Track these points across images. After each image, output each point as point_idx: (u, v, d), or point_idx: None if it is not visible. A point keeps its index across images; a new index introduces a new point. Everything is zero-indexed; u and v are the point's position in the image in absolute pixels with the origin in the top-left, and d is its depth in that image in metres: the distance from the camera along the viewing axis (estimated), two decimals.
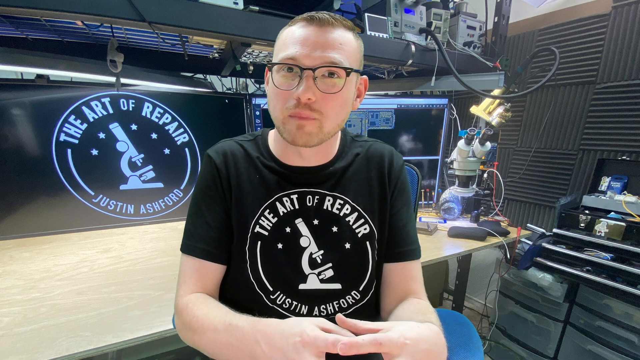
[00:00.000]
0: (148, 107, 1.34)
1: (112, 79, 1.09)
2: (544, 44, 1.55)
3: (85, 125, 1.25)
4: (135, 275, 0.96)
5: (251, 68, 1.43)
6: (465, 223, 1.54)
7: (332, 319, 0.46)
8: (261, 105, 1.53)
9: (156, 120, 1.37)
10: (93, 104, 1.25)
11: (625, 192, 1.28)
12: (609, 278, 1.14)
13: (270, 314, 0.53)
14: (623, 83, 1.33)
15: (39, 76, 1.17)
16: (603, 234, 1.21)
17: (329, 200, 0.63)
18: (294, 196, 0.62)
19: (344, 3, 1.35)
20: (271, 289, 0.60)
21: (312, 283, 0.61)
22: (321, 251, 0.61)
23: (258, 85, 1.74)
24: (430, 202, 1.79)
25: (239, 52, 1.16)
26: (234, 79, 1.75)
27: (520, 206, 1.73)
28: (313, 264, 0.61)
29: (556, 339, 1.37)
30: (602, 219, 1.21)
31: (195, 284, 0.59)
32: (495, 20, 1.56)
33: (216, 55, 1.39)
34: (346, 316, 0.45)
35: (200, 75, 1.54)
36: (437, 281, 2.02)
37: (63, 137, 1.22)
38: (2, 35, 1.10)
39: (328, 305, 0.62)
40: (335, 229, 0.62)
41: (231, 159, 0.63)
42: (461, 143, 1.48)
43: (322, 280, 0.61)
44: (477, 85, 1.40)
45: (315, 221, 0.62)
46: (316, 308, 0.61)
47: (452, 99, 1.75)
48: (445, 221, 1.58)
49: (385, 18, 1.28)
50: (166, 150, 1.41)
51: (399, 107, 1.66)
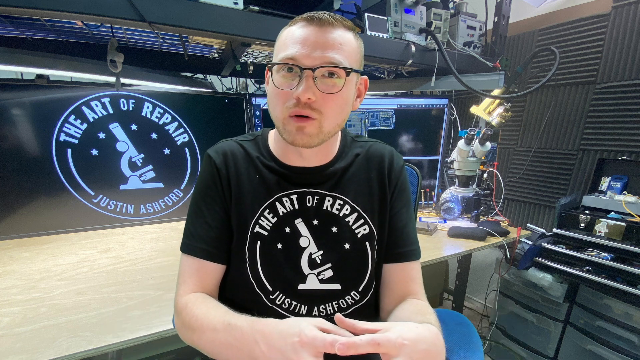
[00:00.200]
0: (148, 107, 1.34)
1: (112, 79, 1.09)
2: (544, 44, 1.55)
3: (85, 125, 1.25)
4: (135, 275, 0.96)
5: (251, 68, 1.43)
6: (465, 223, 1.54)
7: (332, 319, 0.46)
8: (261, 105, 1.53)
9: (156, 120, 1.37)
10: (93, 104, 1.25)
11: (625, 192, 1.28)
12: (609, 278, 1.14)
13: (269, 314, 0.53)
14: (623, 83, 1.33)
15: (39, 76, 1.17)
16: (603, 234, 1.21)
17: (328, 201, 0.63)
18: (294, 196, 0.62)
19: (344, 3, 1.35)
20: (270, 289, 0.60)
21: (312, 283, 0.61)
22: (321, 251, 0.61)
23: (258, 85, 1.74)
24: (430, 202, 1.79)
25: (239, 52, 1.16)
26: (234, 79, 1.75)
27: (520, 206, 1.73)
28: (312, 264, 0.61)
29: (556, 339, 1.37)
30: (602, 219, 1.21)
31: (194, 284, 0.59)
32: (495, 20, 1.56)
33: (216, 55, 1.39)
34: (345, 316, 0.45)
35: (200, 75, 1.54)
36: (437, 281, 2.02)
37: (63, 137, 1.22)
38: (2, 35, 1.10)
39: (327, 305, 0.62)
40: (334, 229, 0.62)
41: (231, 159, 0.63)
42: (461, 143, 1.48)
43: (322, 281, 0.61)
44: (477, 85, 1.40)
45: (315, 221, 0.62)
46: (315, 308, 0.61)
47: (452, 99, 1.75)
48: (445, 221, 1.58)
49: (385, 18, 1.28)
50: (166, 150, 1.41)
51: (399, 107, 1.66)
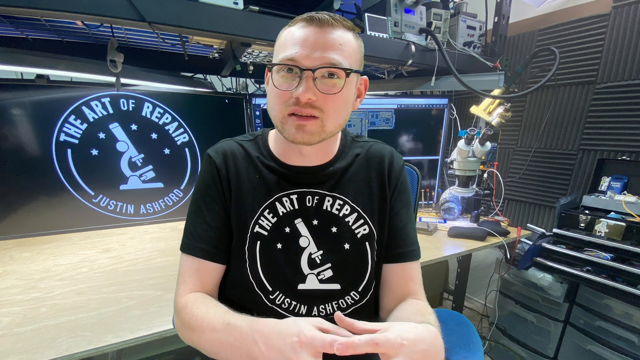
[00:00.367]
0: (148, 107, 1.34)
1: (112, 79, 1.09)
2: (544, 44, 1.55)
3: (85, 125, 1.25)
4: (135, 275, 0.96)
5: (251, 68, 1.43)
6: (465, 223, 1.54)
7: (331, 319, 0.46)
8: (261, 105, 1.53)
9: (156, 120, 1.37)
10: (93, 104, 1.25)
11: (625, 192, 1.28)
12: (609, 278, 1.14)
13: (269, 314, 0.53)
14: (623, 83, 1.33)
15: (39, 76, 1.17)
16: (603, 234, 1.20)
17: (328, 201, 0.63)
18: (294, 196, 0.62)
19: (344, 3, 1.35)
20: (270, 289, 0.60)
21: (311, 283, 0.61)
22: (320, 251, 0.61)
23: (258, 85, 1.74)
24: (430, 202, 1.79)
25: (239, 52, 1.16)
26: (234, 79, 1.75)
27: (520, 206, 1.73)
28: (312, 264, 0.61)
29: (556, 339, 1.37)
30: (602, 219, 1.21)
31: (194, 284, 0.59)
32: (495, 20, 1.56)
33: (216, 55, 1.39)
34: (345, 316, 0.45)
35: (200, 75, 1.54)
36: (437, 281, 2.02)
37: (63, 137, 1.22)
38: (2, 35, 1.10)
39: (327, 305, 0.62)
40: (334, 229, 0.62)
41: (231, 158, 0.63)
42: (461, 143, 1.48)
43: (321, 281, 0.61)
44: (477, 85, 1.40)
45: (315, 221, 0.62)
46: (315, 308, 0.61)
47: (452, 99, 1.75)
48: (445, 221, 1.58)
49: (385, 18, 1.28)
50: (166, 150, 1.41)
51: (399, 107, 1.66)
